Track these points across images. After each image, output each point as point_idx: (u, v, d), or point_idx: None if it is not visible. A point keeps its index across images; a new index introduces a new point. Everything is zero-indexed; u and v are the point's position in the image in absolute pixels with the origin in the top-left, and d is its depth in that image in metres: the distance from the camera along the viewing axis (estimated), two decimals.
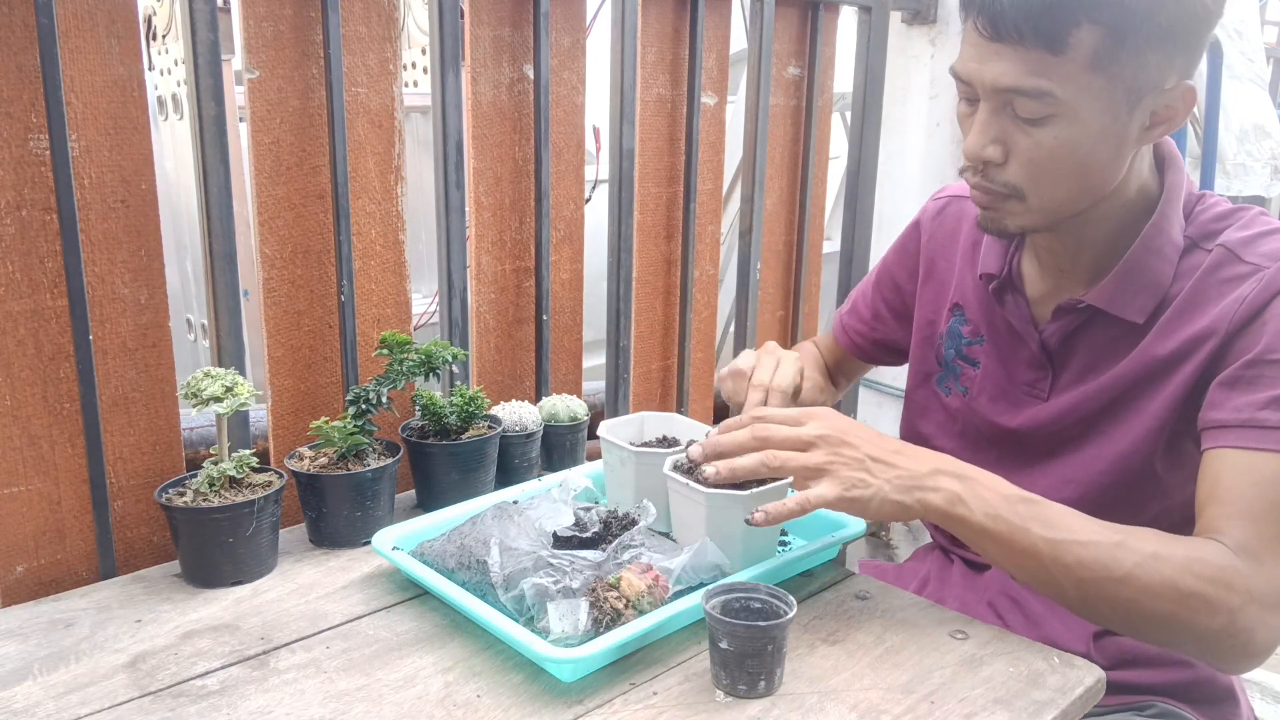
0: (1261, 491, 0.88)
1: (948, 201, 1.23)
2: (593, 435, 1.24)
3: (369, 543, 1.08)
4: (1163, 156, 1.03)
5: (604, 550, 0.96)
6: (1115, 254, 1.02)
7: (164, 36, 2.98)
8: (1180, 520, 1.00)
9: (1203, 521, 0.91)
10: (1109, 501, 1.02)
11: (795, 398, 1.11)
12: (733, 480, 0.94)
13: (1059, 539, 0.88)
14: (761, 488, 0.99)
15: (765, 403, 1.08)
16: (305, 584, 1.06)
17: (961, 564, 1.21)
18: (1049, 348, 1.07)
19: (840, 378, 1.44)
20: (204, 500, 1.04)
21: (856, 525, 1.11)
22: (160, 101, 3.01)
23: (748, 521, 0.92)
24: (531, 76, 1.47)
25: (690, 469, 1.03)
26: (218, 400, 1.05)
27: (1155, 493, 1.03)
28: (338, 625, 0.97)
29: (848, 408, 2.32)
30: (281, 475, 1.11)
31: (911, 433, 1.24)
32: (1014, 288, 1.10)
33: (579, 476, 1.11)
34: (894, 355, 1.35)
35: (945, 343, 1.19)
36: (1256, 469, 0.89)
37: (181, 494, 1.06)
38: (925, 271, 1.23)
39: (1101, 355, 1.04)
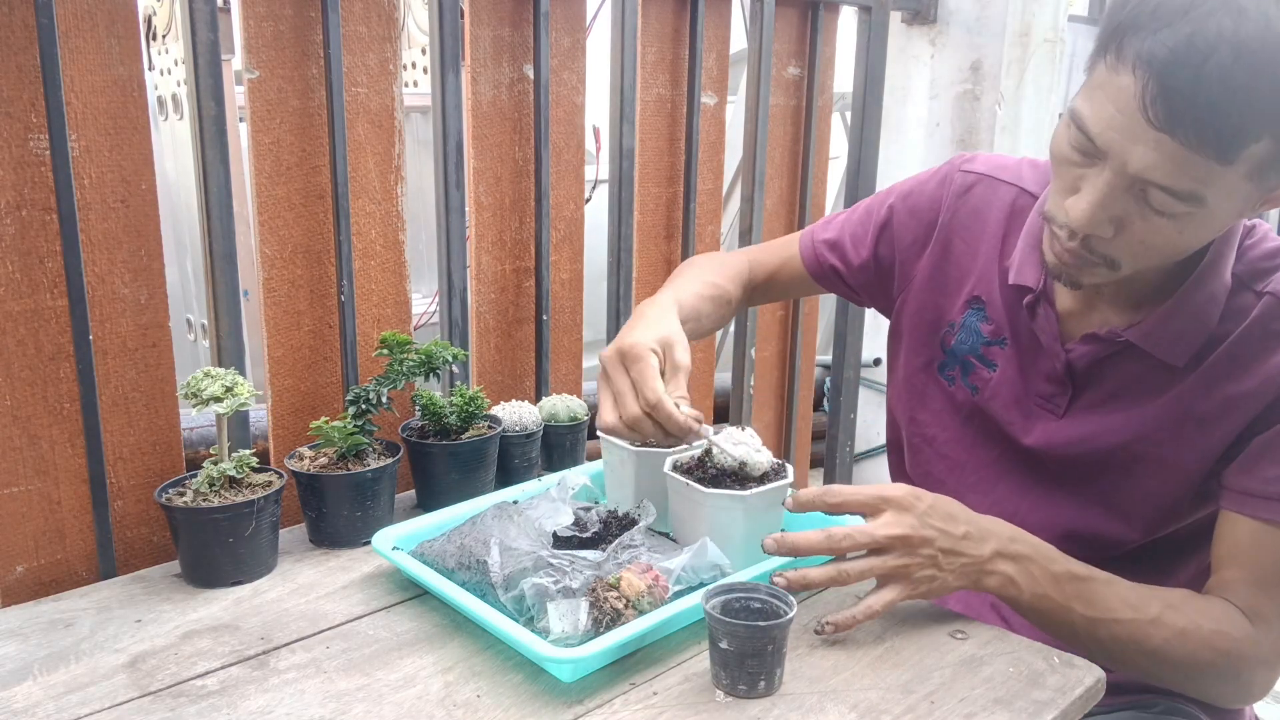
0: (1277, 562, 0.94)
1: (977, 180, 1.14)
2: (593, 435, 1.24)
3: (369, 543, 1.08)
4: None
5: (604, 550, 0.96)
6: (1162, 289, 0.97)
7: (164, 36, 2.99)
8: (1196, 535, 1.03)
9: (1218, 579, 0.96)
10: (1116, 533, 1.03)
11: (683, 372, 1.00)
12: (804, 588, 0.92)
13: (1097, 618, 0.93)
14: (761, 487, 0.99)
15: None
16: (305, 584, 1.06)
17: None
18: (1075, 369, 1.03)
19: (768, 293, 1.33)
20: (204, 500, 1.04)
21: (856, 525, 1.11)
22: (160, 101, 3.01)
23: (816, 632, 0.93)
24: (531, 76, 1.47)
25: (690, 469, 1.03)
26: (218, 400, 1.05)
27: (1164, 535, 1.04)
28: (338, 625, 0.97)
29: (847, 406, 2.32)
30: (281, 475, 1.11)
31: (907, 419, 1.20)
32: (1047, 300, 1.05)
33: (577, 475, 1.11)
34: (854, 295, 1.27)
35: (959, 335, 1.13)
36: (1276, 541, 0.94)
37: (181, 494, 1.06)
38: (939, 247, 1.15)
39: (1130, 388, 1.00)
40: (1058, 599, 0.92)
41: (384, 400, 1.19)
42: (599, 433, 1.14)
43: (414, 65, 3.51)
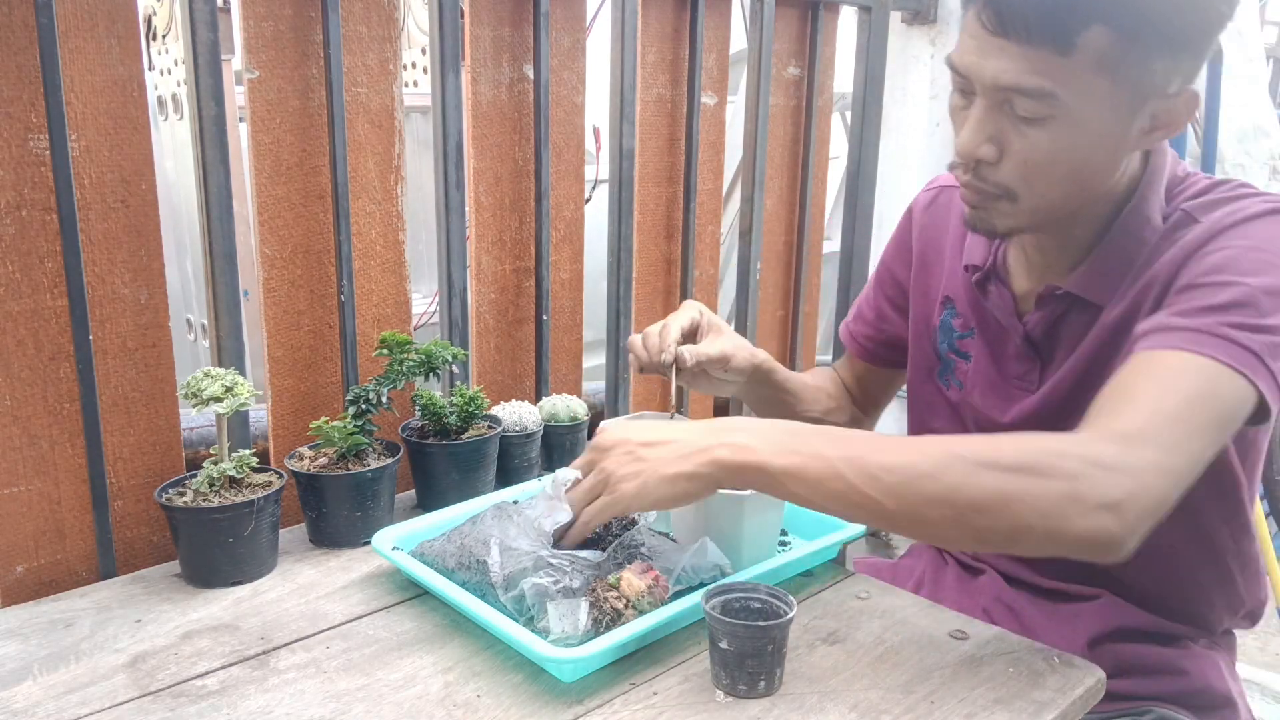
0: (1150, 381, 0.84)
1: (938, 192, 1.22)
2: (592, 435, 1.24)
3: (369, 543, 1.08)
4: None
5: (604, 550, 0.96)
6: (1095, 245, 1.01)
7: (164, 36, 2.98)
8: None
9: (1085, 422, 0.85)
10: None
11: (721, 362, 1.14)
12: (585, 536, 0.93)
13: (856, 454, 0.82)
14: None
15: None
16: (305, 584, 1.06)
17: (956, 566, 1.21)
18: (1034, 339, 1.06)
19: (866, 397, 1.35)
20: (204, 500, 1.04)
21: (856, 525, 1.11)
22: (160, 101, 3.01)
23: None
24: (531, 76, 1.47)
25: None
26: (218, 400, 1.05)
27: None
28: (338, 625, 0.97)
29: None
30: (281, 475, 1.11)
31: (922, 430, 1.22)
32: (998, 279, 1.09)
33: (568, 471, 1.10)
34: (905, 354, 1.31)
35: (939, 336, 1.18)
36: (1153, 364, 0.85)
37: (181, 494, 1.06)
38: (918, 263, 1.21)
39: (1089, 342, 1.02)
40: (803, 449, 0.83)
41: (384, 400, 1.19)
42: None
43: (414, 65, 3.50)
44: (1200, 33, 0.87)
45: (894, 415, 2.61)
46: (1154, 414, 0.81)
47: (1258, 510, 2.32)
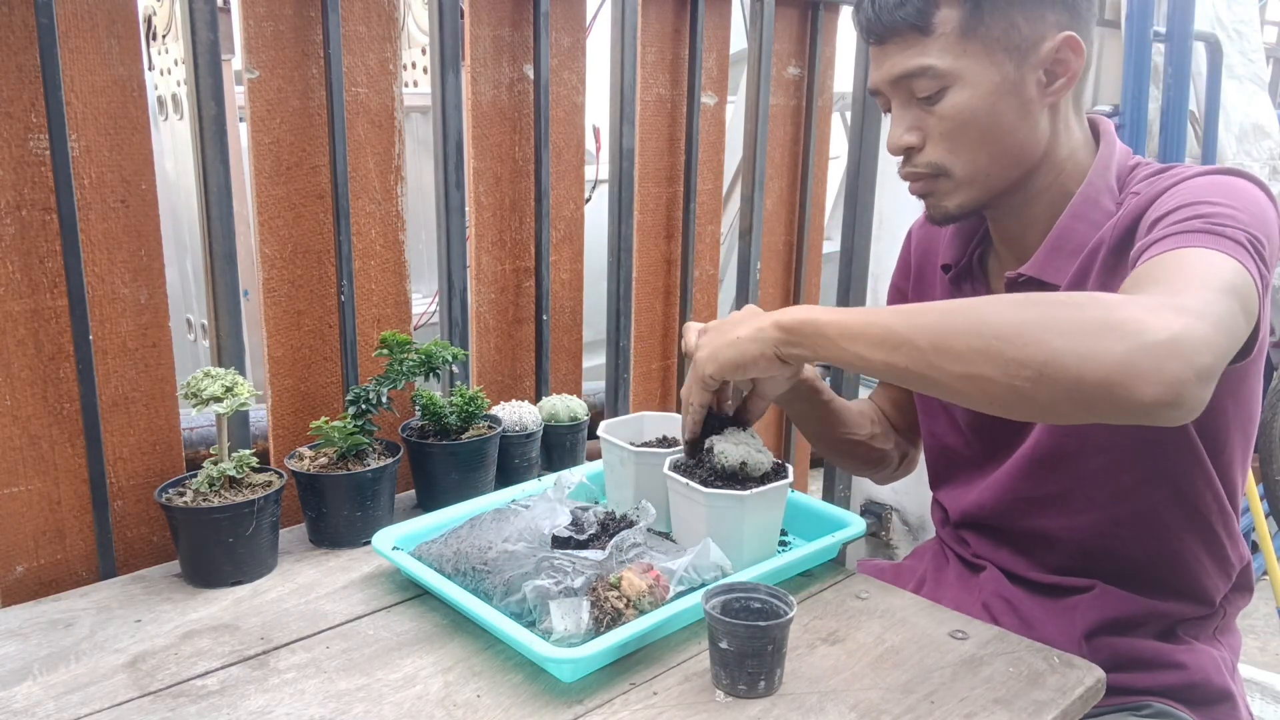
0: (1162, 268, 0.83)
1: None
2: (593, 435, 1.24)
3: (369, 543, 1.08)
4: (1097, 133, 1.06)
5: (605, 550, 0.96)
6: (1049, 231, 1.05)
7: (164, 36, 2.98)
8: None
9: None
10: (1078, 442, 1.03)
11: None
12: (696, 432, 1.03)
13: (901, 309, 0.85)
14: (762, 487, 0.99)
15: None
16: (305, 584, 1.06)
17: (957, 563, 1.21)
18: None
19: (906, 423, 1.31)
20: (204, 500, 1.04)
21: (857, 525, 1.11)
22: (160, 101, 3.01)
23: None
24: (531, 76, 1.47)
25: (690, 469, 1.03)
26: (218, 400, 1.05)
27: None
28: (338, 625, 0.97)
29: None
30: (281, 475, 1.11)
31: (926, 434, 1.25)
32: (973, 277, 1.14)
33: (574, 474, 1.11)
34: None
35: None
36: (1153, 266, 0.84)
37: (181, 494, 1.06)
38: (915, 277, 1.26)
39: None
40: (859, 316, 0.87)
41: (384, 400, 1.19)
42: (599, 433, 1.15)
43: (414, 65, 3.50)
44: None
45: None
46: (1177, 289, 0.78)
47: (1256, 507, 2.31)
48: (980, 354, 0.78)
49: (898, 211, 2.35)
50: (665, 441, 1.19)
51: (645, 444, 1.17)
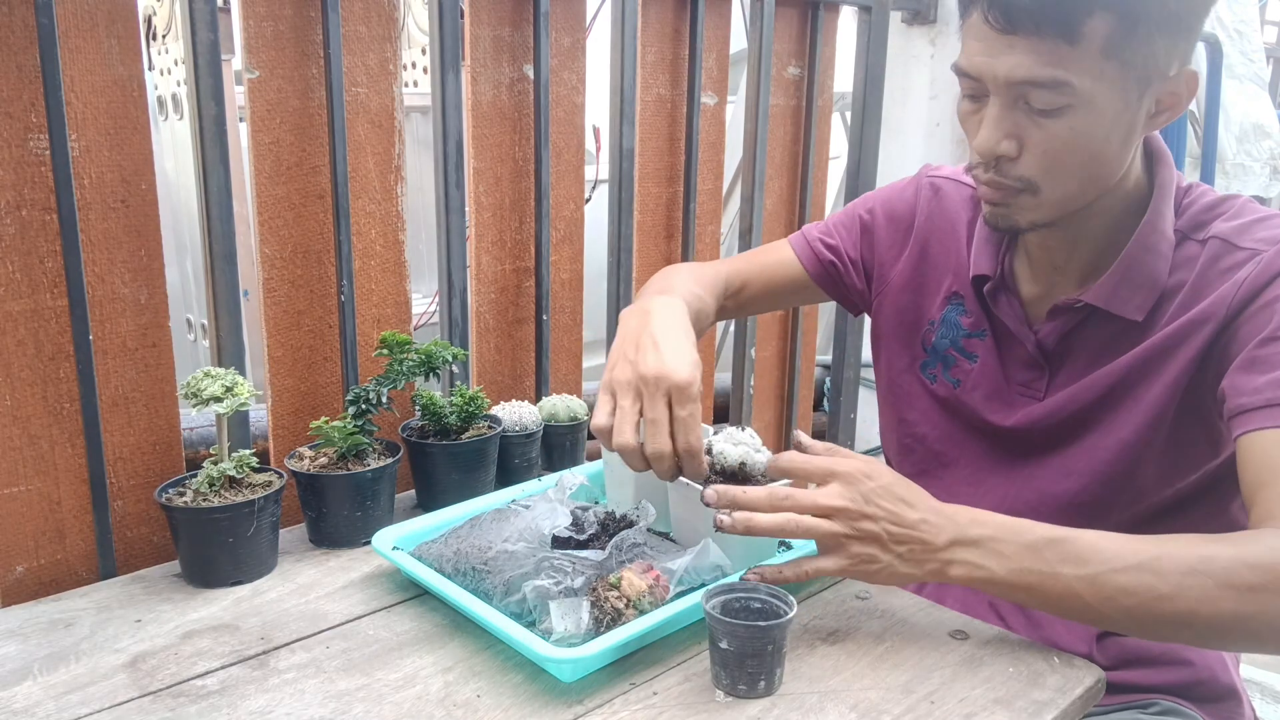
0: None
1: (944, 183, 1.21)
2: (592, 435, 1.24)
3: (369, 543, 1.08)
4: (1153, 151, 1.03)
5: (605, 550, 0.96)
6: (1109, 251, 1.02)
7: (164, 36, 2.98)
8: (1173, 506, 1.02)
9: (1260, 510, 0.86)
10: (1110, 491, 1.02)
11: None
12: (748, 534, 0.89)
13: (1094, 574, 0.84)
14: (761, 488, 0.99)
15: (680, 471, 0.97)
16: (305, 584, 1.06)
17: None
18: (1045, 348, 1.06)
19: (746, 303, 1.30)
20: (204, 500, 1.04)
21: None
22: (160, 101, 3.01)
23: (717, 526, 0.88)
24: (531, 76, 1.47)
25: None
26: (218, 400, 1.05)
27: (1156, 482, 1.02)
28: (338, 625, 0.97)
29: (847, 406, 2.32)
30: (281, 475, 1.11)
31: (894, 420, 1.22)
32: (1006, 288, 1.10)
33: (575, 475, 1.11)
34: (845, 292, 1.28)
35: (939, 331, 1.17)
36: None
37: (181, 494, 1.06)
38: (917, 251, 1.20)
39: (1101, 353, 1.03)
40: (1041, 568, 0.85)
41: (384, 400, 1.19)
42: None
43: (414, 65, 3.50)
44: (1193, 13, 0.90)
45: (869, 405, 2.60)
46: None
47: None
48: (1187, 638, 0.85)
49: None
50: None
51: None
